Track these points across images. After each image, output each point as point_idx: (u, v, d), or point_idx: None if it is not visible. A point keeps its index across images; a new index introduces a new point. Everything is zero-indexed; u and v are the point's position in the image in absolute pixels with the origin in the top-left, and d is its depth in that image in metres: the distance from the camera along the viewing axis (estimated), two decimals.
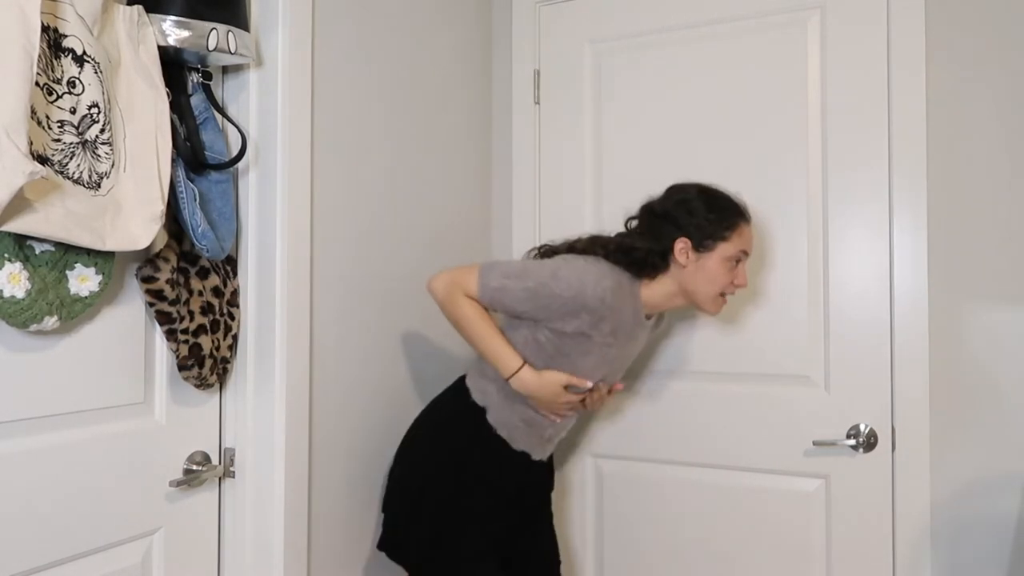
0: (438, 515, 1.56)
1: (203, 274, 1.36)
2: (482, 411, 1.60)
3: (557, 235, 1.91)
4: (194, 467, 1.40)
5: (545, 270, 1.50)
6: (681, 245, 1.54)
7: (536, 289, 1.49)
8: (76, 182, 1.09)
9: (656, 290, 1.58)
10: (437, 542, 1.55)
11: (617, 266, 1.54)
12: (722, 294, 1.57)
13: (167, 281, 1.28)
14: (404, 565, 1.61)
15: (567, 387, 1.55)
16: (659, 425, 1.97)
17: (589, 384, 1.55)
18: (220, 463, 1.47)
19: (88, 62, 1.11)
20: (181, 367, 1.32)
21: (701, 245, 1.54)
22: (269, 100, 1.45)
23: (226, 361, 1.42)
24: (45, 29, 1.05)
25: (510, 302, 1.51)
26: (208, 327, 1.35)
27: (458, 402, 1.63)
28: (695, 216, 1.55)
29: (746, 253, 1.58)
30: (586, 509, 2.07)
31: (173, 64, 1.30)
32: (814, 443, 1.78)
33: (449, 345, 1.95)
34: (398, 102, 1.79)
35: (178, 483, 1.35)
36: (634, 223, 1.63)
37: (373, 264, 1.71)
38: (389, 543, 1.61)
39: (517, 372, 1.53)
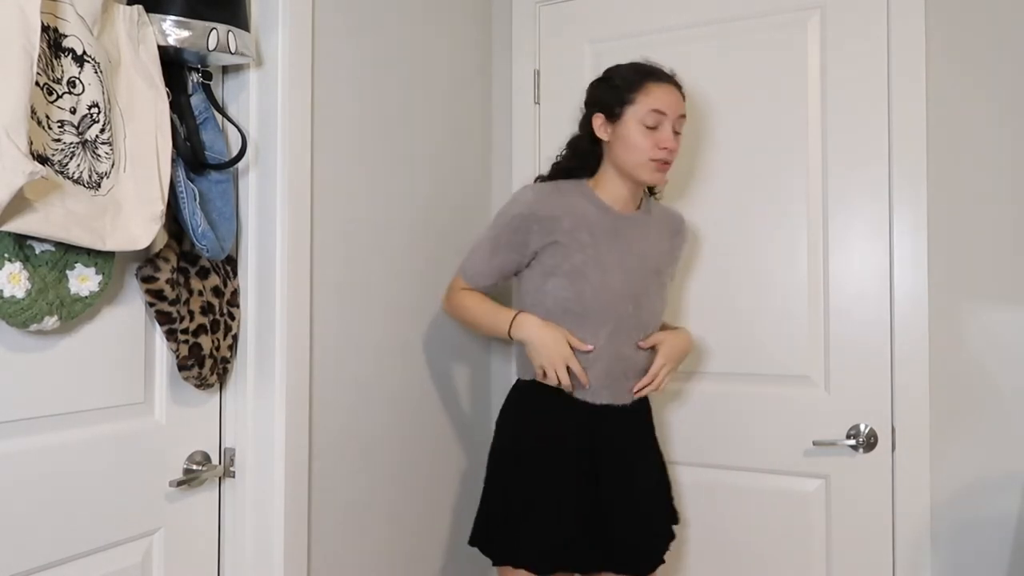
0: (502, 499, 1.59)
1: (203, 274, 1.36)
2: (529, 383, 1.62)
3: None
4: (194, 467, 1.40)
5: (494, 218, 1.64)
6: (598, 122, 1.59)
7: (492, 235, 1.62)
8: (76, 182, 1.09)
9: (605, 180, 1.62)
10: (498, 522, 1.59)
11: (556, 178, 1.66)
12: (655, 160, 1.54)
13: (167, 281, 1.28)
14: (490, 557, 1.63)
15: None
16: (659, 425, 1.97)
17: (589, 347, 1.55)
18: (220, 463, 1.47)
19: (88, 62, 1.11)
20: (181, 367, 1.32)
21: (612, 114, 1.57)
22: (269, 100, 1.45)
23: (226, 361, 1.42)
24: (45, 29, 1.05)
25: (489, 262, 1.62)
26: (208, 327, 1.35)
27: (511, 394, 1.67)
28: (603, 89, 1.59)
29: (661, 113, 1.54)
30: None
31: (173, 64, 1.30)
32: (814, 443, 1.78)
33: (450, 344, 1.95)
34: (398, 102, 1.79)
35: (178, 483, 1.35)
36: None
37: (373, 264, 1.71)
38: (472, 537, 1.66)
39: (515, 318, 1.57)
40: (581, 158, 1.65)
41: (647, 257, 1.62)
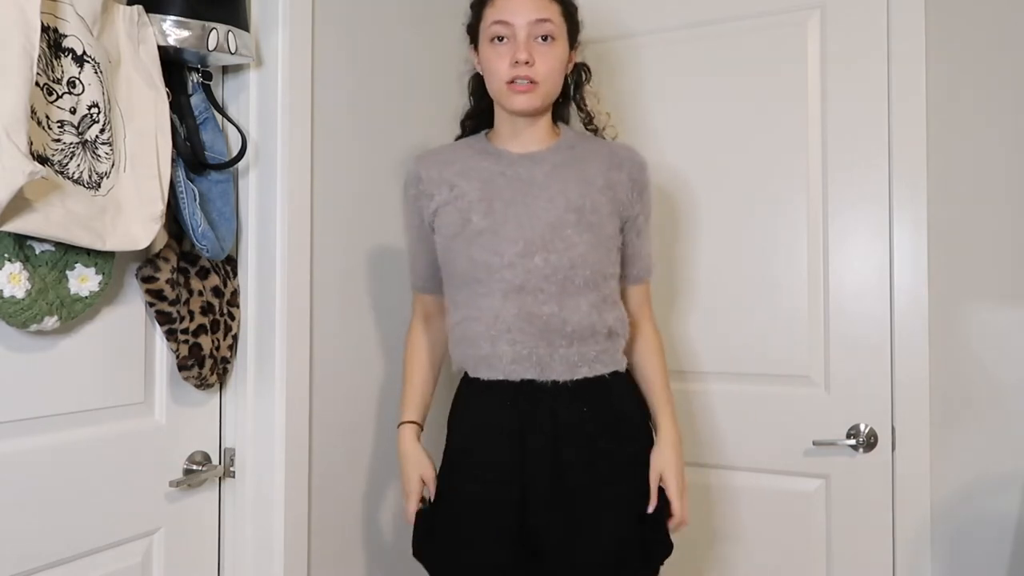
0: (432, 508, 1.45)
1: (203, 274, 1.36)
2: (463, 374, 1.44)
3: None
4: (194, 467, 1.40)
5: None
6: (472, 55, 1.45)
7: (404, 223, 1.55)
8: (76, 182, 1.09)
9: (497, 122, 1.44)
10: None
11: (463, 136, 1.53)
12: (512, 82, 1.33)
13: (167, 281, 1.28)
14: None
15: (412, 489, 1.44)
16: None
17: (410, 509, 1.43)
18: (220, 463, 1.47)
19: (88, 62, 1.11)
20: (181, 367, 1.32)
21: (473, 41, 1.43)
22: (269, 100, 1.45)
23: (226, 361, 1.42)
24: (45, 29, 1.05)
25: (413, 258, 1.53)
26: (208, 327, 1.35)
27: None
28: (470, 14, 1.44)
29: (505, 23, 1.32)
30: None
31: (173, 64, 1.30)
32: (814, 443, 1.78)
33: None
34: (398, 102, 1.78)
35: (178, 483, 1.35)
36: None
37: (373, 264, 1.71)
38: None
39: (399, 428, 1.50)
40: (477, 104, 1.50)
41: (561, 195, 1.37)
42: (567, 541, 1.33)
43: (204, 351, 1.34)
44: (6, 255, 1.03)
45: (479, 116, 1.52)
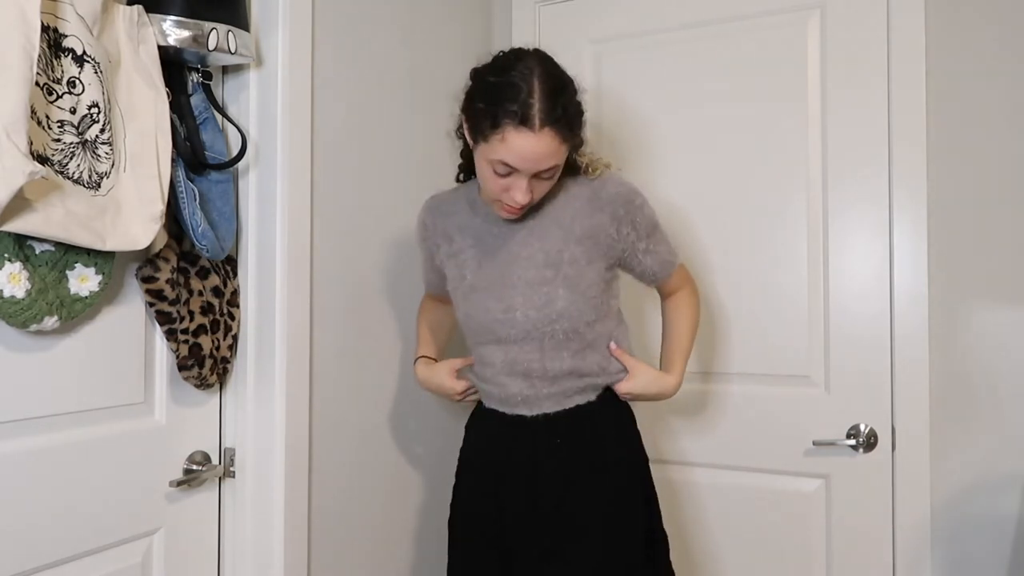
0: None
1: (203, 274, 1.36)
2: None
3: None
4: (194, 467, 1.40)
5: None
6: (465, 124, 1.33)
7: (419, 249, 1.60)
8: (76, 182, 1.09)
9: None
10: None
11: (465, 174, 1.52)
12: (503, 204, 1.31)
13: (167, 281, 1.28)
14: None
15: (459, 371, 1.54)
16: (658, 425, 1.97)
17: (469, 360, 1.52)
18: (220, 463, 1.47)
19: (88, 62, 1.11)
20: (181, 367, 1.32)
21: (471, 133, 1.30)
22: (269, 100, 1.45)
23: (226, 361, 1.42)
24: (45, 29, 1.05)
25: (424, 275, 1.62)
26: (208, 327, 1.35)
27: None
28: (471, 98, 1.30)
29: (509, 166, 1.24)
30: None
31: (173, 64, 1.30)
32: (814, 443, 1.78)
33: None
34: (398, 102, 1.78)
35: (178, 483, 1.35)
36: None
37: (373, 264, 1.71)
38: None
39: (415, 363, 1.61)
40: (470, 159, 1.43)
41: (538, 253, 1.37)
42: (538, 567, 1.38)
43: (204, 351, 1.34)
44: (6, 255, 1.03)
45: (469, 168, 1.48)
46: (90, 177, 1.11)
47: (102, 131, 1.13)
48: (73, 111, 1.09)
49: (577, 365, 1.40)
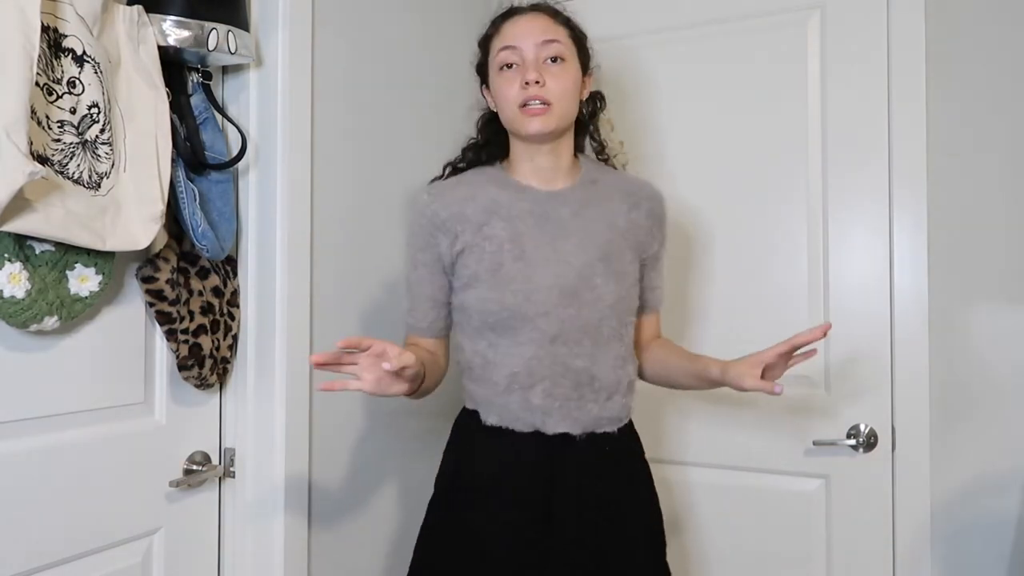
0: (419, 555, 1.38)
1: (203, 274, 1.36)
2: (474, 412, 1.37)
3: None
4: (194, 467, 1.40)
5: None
6: (484, 93, 1.41)
7: (407, 261, 1.40)
8: (76, 182, 1.09)
9: (515, 155, 1.37)
10: None
11: (466, 166, 1.44)
12: (524, 105, 1.27)
13: (167, 281, 1.28)
14: None
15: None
16: (658, 425, 1.97)
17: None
18: (220, 463, 1.47)
19: (88, 62, 1.11)
20: (181, 367, 1.32)
21: (483, 77, 1.39)
22: (269, 100, 1.45)
23: (226, 361, 1.42)
24: (45, 29, 1.05)
25: (413, 297, 1.39)
26: (208, 327, 1.35)
27: (455, 421, 1.44)
28: (478, 53, 1.41)
29: (512, 48, 1.29)
30: None
31: (173, 64, 1.30)
32: (814, 443, 1.78)
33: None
34: (398, 102, 1.78)
35: (178, 483, 1.35)
36: None
37: (373, 264, 1.71)
38: None
39: None
40: (490, 136, 1.43)
41: (589, 240, 1.31)
42: None
43: (204, 351, 1.34)
44: (6, 255, 1.03)
45: (484, 147, 1.44)
46: (90, 177, 1.11)
47: (102, 131, 1.13)
48: (73, 111, 1.09)
49: (620, 376, 1.32)
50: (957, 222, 1.70)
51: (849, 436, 1.77)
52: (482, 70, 1.40)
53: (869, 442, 1.75)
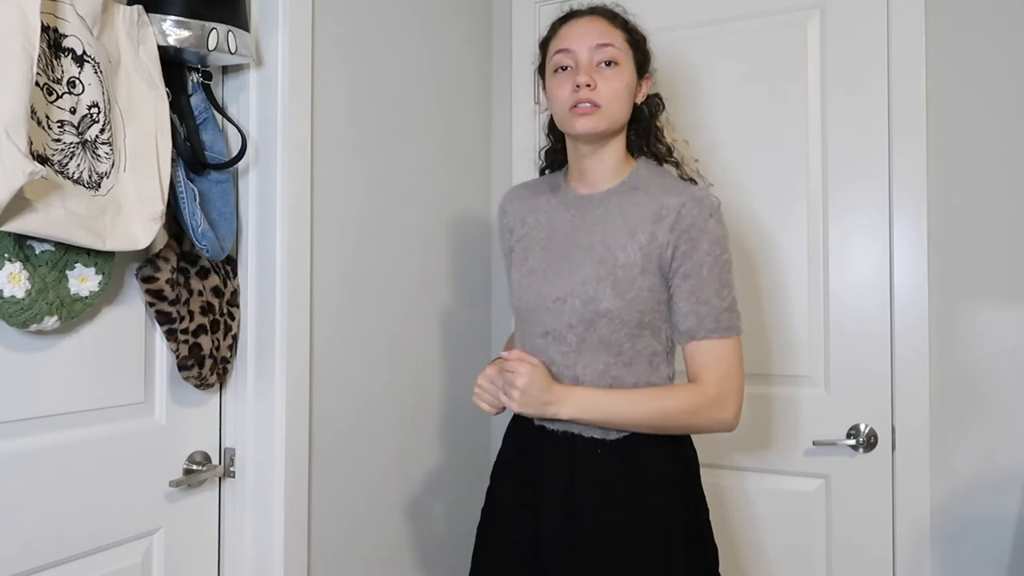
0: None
1: (203, 274, 1.36)
2: None
3: None
4: (194, 467, 1.40)
5: None
6: (541, 96, 1.43)
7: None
8: (76, 182, 1.09)
9: (571, 158, 1.42)
10: None
11: (546, 169, 1.55)
12: (575, 106, 1.30)
13: (167, 281, 1.28)
14: None
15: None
16: None
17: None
18: (220, 463, 1.47)
19: (88, 62, 1.11)
20: (181, 367, 1.32)
21: (541, 76, 1.42)
22: (269, 100, 1.45)
23: (226, 361, 1.42)
24: (45, 29, 1.05)
25: (509, 282, 1.48)
26: (208, 327, 1.35)
27: None
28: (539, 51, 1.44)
29: (567, 51, 1.32)
30: None
31: (173, 64, 1.30)
32: (814, 443, 1.78)
33: (451, 344, 1.95)
34: (398, 102, 1.78)
35: (178, 483, 1.35)
36: None
37: (373, 264, 1.71)
38: None
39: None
40: (554, 143, 1.52)
41: (598, 246, 1.32)
42: None
43: (204, 351, 1.34)
44: (6, 255, 1.03)
45: (556, 152, 1.52)
46: (90, 177, 1.11)
47: (102, 131, 1.13)
48: (73, 111, 1.09)
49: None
50: (957, 222, 1.70)
51: (849, 436, 1.76)
52: (541, 71, 1.42)
53: (869, 442, 1.75)
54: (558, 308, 1.33)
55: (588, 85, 1.28)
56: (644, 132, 1.44)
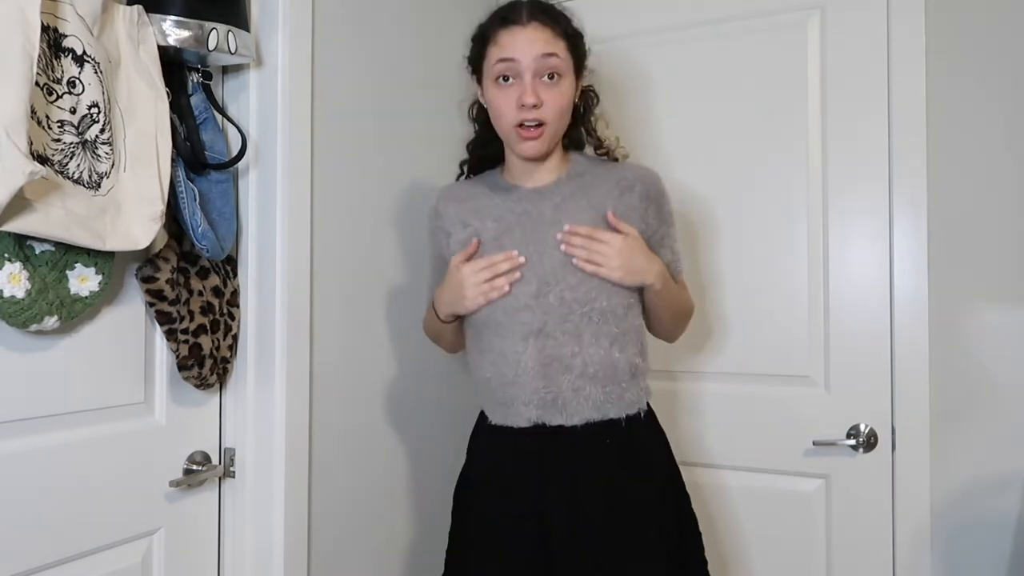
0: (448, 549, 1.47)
1: (203, 274, 1.36)
2: (482, 415, 1.46)
3: None
4: (194, 467, 1.40)
5: None
6: (471, 84, 1.39)
7: (430, 254, 1.54)
8: (76, 182, 1.09)
9: (507, 153, 1.40)
10: None
11: (473, 167, 1.52)
12: (520, 125, 1.28)
13: (167, 281, 1.28)
14: None
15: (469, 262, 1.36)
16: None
17: (512, 253, 1.32)
18: (220, 463, 1.47)
19: (88, 62, 1.11)
20: (181, 367, 1.32)
21: (475, 72, 1.37)
22: (269, 100, 1.45)
23: (226, 361, 1.42)
24: (45, 29, 1.05)
25: (435, 284, 1.50)
26: (208, 327, 1.35)
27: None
28: (471, 44, 1.38)
29: (509, 61, 1.28)
30: None
31: (173, 64, 1.30)
32: (814, 443, 1.78)
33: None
34: (398, 102, 1.78)
35: (178, 483, 1.35)
36: None
37: (373, 264, 1.71)
38: None
39: (432, 305, 1.46)
40: (482, 132, 1.47)
41: (569, 218, 1.34)
42: None
43: (204, 351, 1.34)
44: (6, 255, 1.03)
45: (486, 144, 1.49)
46: (90, 177, 1.11)
47: (102, 131, 1.13)
48: (73, 111, 1.09)
49: (617, 359, 1.31)
50: (957, 222, 1.70)
51: (849, 436, 1.77)
52: (475, 64, 1.40)
53: (869, 442, 1.75)
54: (540, 303, 1.31)
55: (535, 106, 1.28)
56: (578, 133, 1.46)
